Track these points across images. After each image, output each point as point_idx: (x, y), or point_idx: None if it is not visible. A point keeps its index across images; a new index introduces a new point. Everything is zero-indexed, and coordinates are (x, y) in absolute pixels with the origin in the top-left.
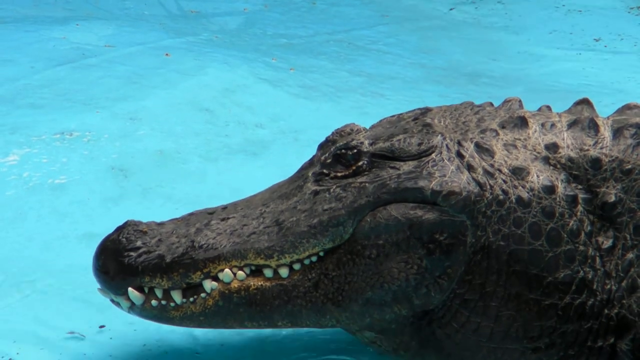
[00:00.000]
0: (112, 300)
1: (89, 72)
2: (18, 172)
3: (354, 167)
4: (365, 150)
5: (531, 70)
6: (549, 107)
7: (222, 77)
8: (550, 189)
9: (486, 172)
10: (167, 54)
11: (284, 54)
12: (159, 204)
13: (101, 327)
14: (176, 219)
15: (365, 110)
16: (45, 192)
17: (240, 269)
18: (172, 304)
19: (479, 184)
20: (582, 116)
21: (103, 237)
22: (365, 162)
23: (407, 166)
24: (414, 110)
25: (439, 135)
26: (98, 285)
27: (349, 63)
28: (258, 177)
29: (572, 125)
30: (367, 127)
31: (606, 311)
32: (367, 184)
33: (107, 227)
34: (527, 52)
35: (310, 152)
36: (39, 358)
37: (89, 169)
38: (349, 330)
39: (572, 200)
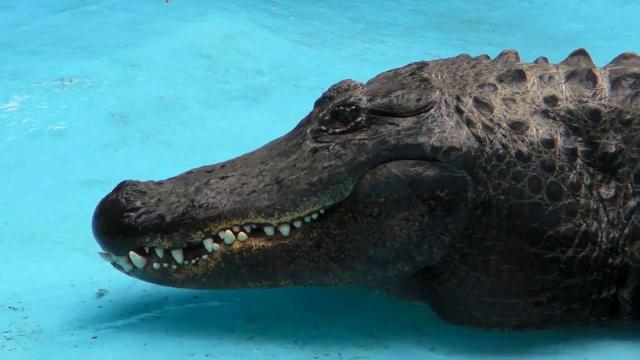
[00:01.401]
0: (115, 264)
1: (89, 19)
2: (18, 118)
3: (352, 124)
4: (363, 106)
5: (532, 17)
6: (545, 59)
7: (222, 24)
8: (549, 143)
9: (486, 127)
10: (167, 1)
11: (284, 1)
12: (159, 151)
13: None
14: (175, 178)
15: (365, 57)
16: (46, 138)
17: (242, 228)
18: (174, 267)
19: (478, 139)
20: (580, 68)
21: (102, 196)
22: (364, 118)
23: (406, 122)
24: (411, 64)
25: (438, 90)
26: (99, 249)
27: (350, 10)
28: (258, 124)
29: (570, 77)
30: (364, 83)
31: (610, 261)
32: (366, 141)
33: (107, 174)
34: None
35: (311, 99)
36: (40, 307)
37: (89, 116)
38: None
39: (572, 154)
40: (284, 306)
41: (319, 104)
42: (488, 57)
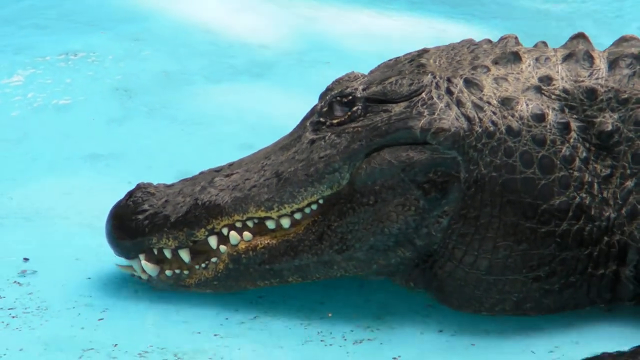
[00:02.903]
0: (134, 275)
1: None
2: (22, 92)
3: (349, 114)
4: (359, 95)
5: None
6: (545, 43)
7: None
8: (539, 117)
9: (475, 105)
10: None
11: None
12: (164, 125)
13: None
14: (186, 179)
15: (370, 31)
16: (50, 113)
17: (244, 224)
18: (185, 272)
19: (467, 118)
20: (577, 49)
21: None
22: (360, 107)
23: (398, 107)
24: (412, 52)
25: (429, 74)
26: (110, 253)
27: None
28: (262, 98)
29: (566, 58)
30: (366, 73)
31: (606, 238)
32: (360, 129)
33: (111, 148)
34: None
35: (315, 73)
36: (44, 282)
37: (94, 90)
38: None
39: (564, 127)
40: (290, 285)
41: (322, 96)
42: (490, 42)
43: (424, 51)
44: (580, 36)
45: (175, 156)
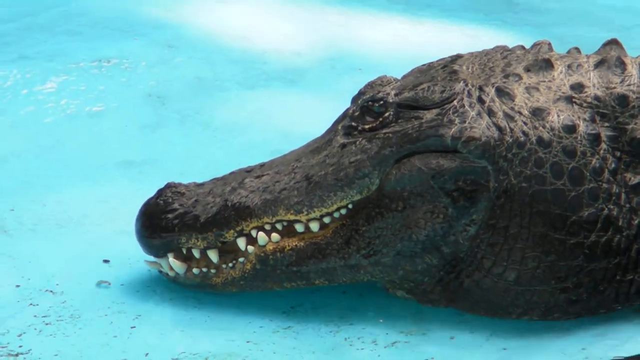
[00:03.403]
0: (161, 272)
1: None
2: (56, 99)
3: (380, 119)
4: (391, 101)
5: None
6: (577, 49)
7: (259, 4)
8: (570, 128)
9: (506, 115)
10: None
11: None
12: (197, 132)
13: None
14: (216, 178)
15: (403, 38)
16: (83, 119)
17: (273, 226)
18: (212, 271)
19: (498, 127)
20: (609, 55)
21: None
22: (392, 113)
23: (429, 114)
24: (445, 58)
25: (461, 81)
26: (141, 257)
27: None
28: (296, 105)
29: (598, 64)
30: (399, 77)
31: (635, 246)
32: (390, 135)
33: (145, 155)
34: None
35: (348, 80)
36: (80, 290)
37: (127, 97)
38: (383, 286)
39: (595, 139)
40: (323, 294)
41: (355, 99)
42: (523, 48)
43: (458, 57)
44: (613, 42)
45: (208, 162)
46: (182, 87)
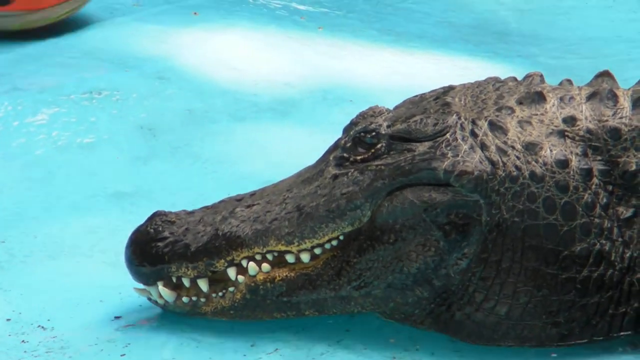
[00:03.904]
0: (150, 299)
1: (117, 31)
2: (47, 131)
3: (372, 150)
4: (383, 132)
5: (560, 25)
6: (569, 81)
7: (250, 36)
8: (563, 163)
9: (499, 149)
10: (195, 13)
11: (312, 13)
12: (188, 163)
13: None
14: (206, 206)
15: (394, 69)
16: (74, 151)
17: (264, 256)
18: (202, 299)
19: (491, 162)
20: (601, 87)
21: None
22: (384, 144)
23: (422, 147)
24: (437, 89)
25: (454, 114)
26: (132, 288)
27: (378, 22)
28: (287, 136)
29: (590, 97)
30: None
31: (627, 278)
32: (382, 167)
33: (136, 186)
34: (557, 5)
35: (339, 111)
36: (70, 324)
37: (118, 128)
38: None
39: (587, 174)
40: (309, 320)
41: (346, 130)
42: (515, 79)
43: (450, 88)
44: (605, 74)
45: (199, 194)
46: (173, 119)
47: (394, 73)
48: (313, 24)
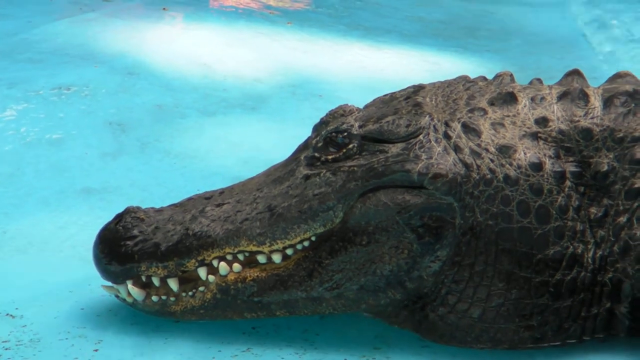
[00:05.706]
0: (118, 297)
1: (87, 27)
2: (15, 127)
3: (344, 150)
4: (355, 133)
5: (530, 22)
6: (539, 80)
7: (220, 32)
8: (537, 166)
9: (473, 152)
10: (164, 8)
11: (281, 8)
12: (157, 159)
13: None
14: (174, 204)
15: (363, 64)
16: (43, 147)
17: (235, 257)
18: (172, 299)
19: (465, 164)
20: (572, 87)
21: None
22: (356, 144)
23: (395, 148)
24: (407, 88)
25: (427, 116)
26: (102, 282)
27: (347, 17)
28: (256, 132)
29: (562, 97)
30: (361, 107)
31: (599, 278)
32: (355, 168)
33: (105, 182)
34: (526, 2)
35: (308, 106)
36: (38, 314)
37: (87, 124)
38: None
39: (560, 177)
40: (281, 320)
41: (316, 128)
42: (485, 79)
43: (420, 88)
44: (575, 73)
45: (169, 190)
46: (142, 115)
47: (363, 68)
48: (282, 19)
